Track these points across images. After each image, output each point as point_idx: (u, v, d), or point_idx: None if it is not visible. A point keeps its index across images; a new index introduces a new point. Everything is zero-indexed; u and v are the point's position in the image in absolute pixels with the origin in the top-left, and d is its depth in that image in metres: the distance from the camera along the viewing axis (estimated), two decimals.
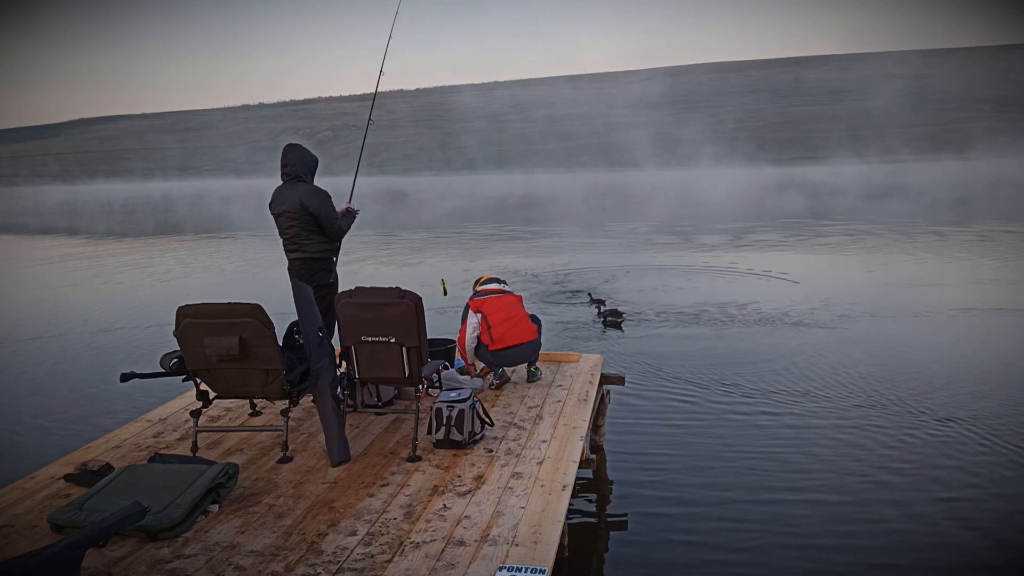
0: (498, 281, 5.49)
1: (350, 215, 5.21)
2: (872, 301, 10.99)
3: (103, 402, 7.15)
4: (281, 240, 5.00)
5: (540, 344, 5.41)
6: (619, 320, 9.93)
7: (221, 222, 33.55)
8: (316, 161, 5.02)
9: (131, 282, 15.76)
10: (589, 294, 11.49)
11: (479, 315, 5.22)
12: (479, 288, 5.45)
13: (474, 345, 5.25)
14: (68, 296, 14.19)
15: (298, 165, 4.87)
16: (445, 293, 6.64)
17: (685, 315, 10.32)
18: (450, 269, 15.74)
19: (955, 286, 12.36)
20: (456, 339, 5.43)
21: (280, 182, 4.99)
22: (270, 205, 4.96)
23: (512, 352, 5.22)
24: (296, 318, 4.18)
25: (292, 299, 4.11)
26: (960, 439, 5.72)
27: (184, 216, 40.17)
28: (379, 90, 6.38)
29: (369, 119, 6.13)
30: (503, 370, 5.34)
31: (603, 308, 10.39)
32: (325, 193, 4.89)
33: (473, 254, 18.49)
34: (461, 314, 5.46)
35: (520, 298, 5.49)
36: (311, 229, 4.87)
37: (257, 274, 16.23)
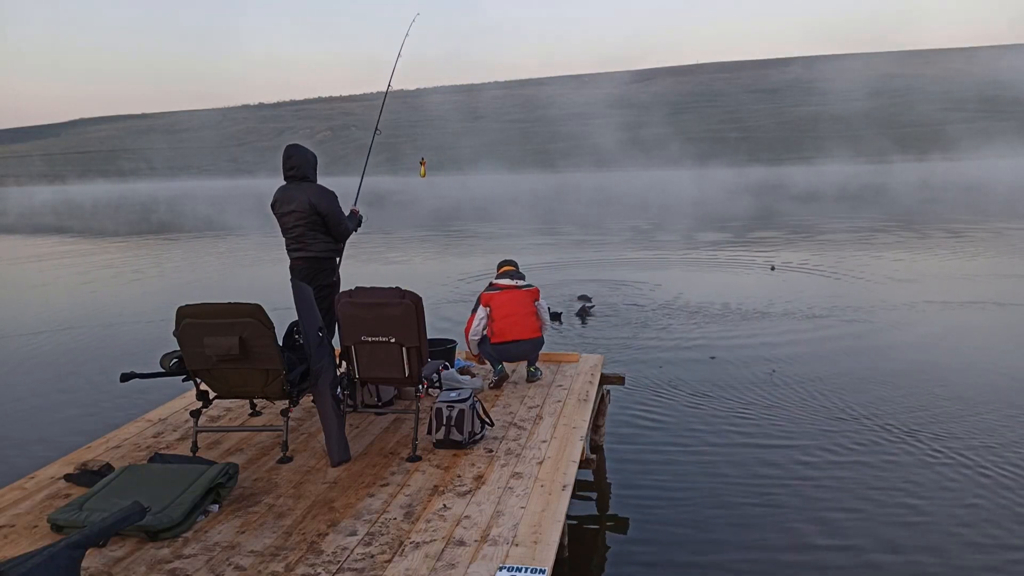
0: (513, 275, 5.47)
1: (355, 217, 5.25)
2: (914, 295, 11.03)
3: (103, 402, 7.14)
4: (284, 240, 5.02)
5: (542, 342, 5.43)
6: (559, 313, 10.42)
7: (212, 222, 33.55)
8: (316, 158, 5.08)
9: (101, 280, 15.90)
10: (581, 297, 11.54)
11: (487, 309, 5.30)
12: (494, 280, 5.49)
13: (477, 338, 5.32)
14: (34, 295, 14.34)
15: (304, 166, 4.92)
16: (424, 175, 6.66)
17: (690, 314, 10.33)
18: (438, 267, 15.76)
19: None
20: (460, 334, 5.50)
21: (283, 183, 5.01)
22: (273, 204, 4.99)
23: (512, 347, 5.28)
24: (296, 318, 4.19)
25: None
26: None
27: (175, 216, 40.13)
28: (376, 90, 6.38)
29: (376, 129, 6.15)
30: (502, 367, 5.35)
31: (587, 305, 10.74)
32: (333, 193, 4.94)
33: (473, 250, 18.53)
34: (473, 304, 5.51)
35: (532, 292, 5.45)
36: (317, 228, 4.90)
37: (232, 273, 16.34)
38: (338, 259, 5.19)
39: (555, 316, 10.29)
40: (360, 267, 16.00)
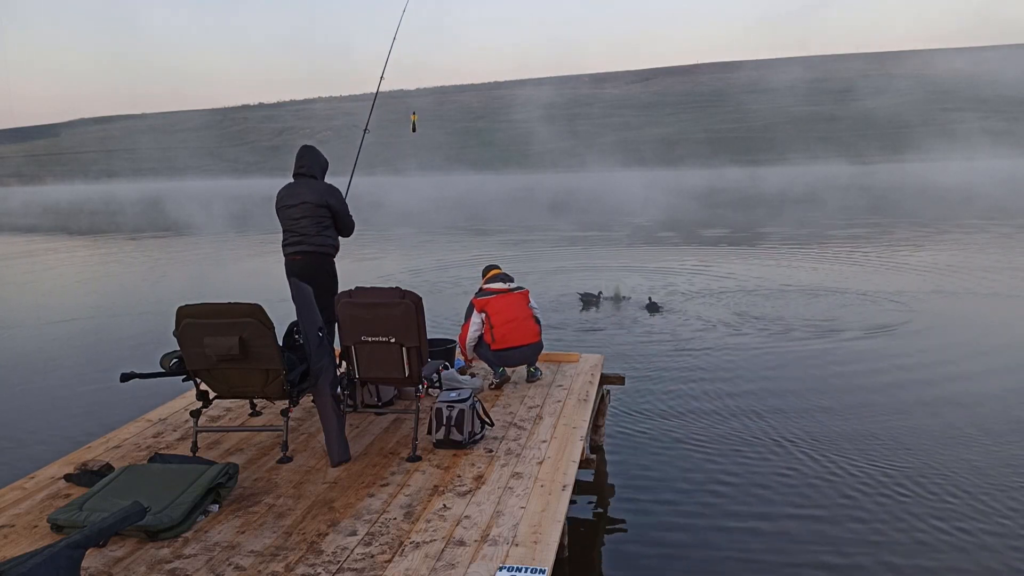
0: (503, 279, 5.43)
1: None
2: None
3: (103, 402, 7.14)
4: (283, 235, 5.05)
5: (542, 346, 5.41)
6: (656, 304, 10.92)
7: (210, 222, 33.54)
8: (327, 163, 5.24)
9: (101, 279, 16.10)
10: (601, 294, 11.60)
11: (483, 315, 5.23)
12: (484, 286, 5.43)
13: (474, 343, 5.28)
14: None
15: (314, 165, 5.10)
16: (414, 130, 6.71)
17: (691, 313, 10.33)
18: (424, 263, 15.77)
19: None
20: (457, 337, 5.48)
21: (289, 181, 5.15)
22: (279, 199, 5.08)
23: (514, 353, 5.25)
24: (296, 318, 4.19)
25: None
26: None
27: (174, 216, 40.04)
28: (378, 90, 6.38)
29: (366, 128, 6.15)
30: (503, 369, 5.34)
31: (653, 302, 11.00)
32: (340, 191, 5.12)
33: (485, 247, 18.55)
34: (465, 311, 5.47)
35: (525, 295, 5.42)
36: (321, 224, 4.99)
37: (232, 271, 16.41)
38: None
39: (653, 307, 10.69)
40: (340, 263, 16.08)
